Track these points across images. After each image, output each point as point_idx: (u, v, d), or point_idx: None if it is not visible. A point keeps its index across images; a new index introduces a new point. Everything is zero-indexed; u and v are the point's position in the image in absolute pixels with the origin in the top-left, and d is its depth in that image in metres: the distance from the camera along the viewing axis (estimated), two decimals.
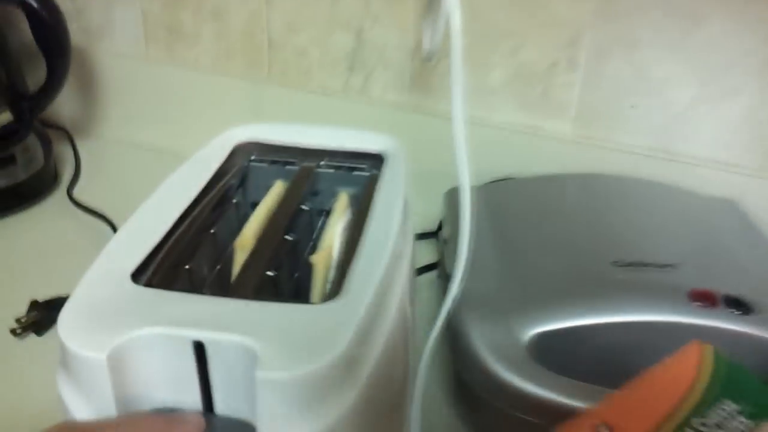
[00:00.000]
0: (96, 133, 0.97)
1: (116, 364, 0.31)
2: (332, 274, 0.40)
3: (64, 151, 0.92)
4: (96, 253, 0.38)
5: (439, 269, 0.69)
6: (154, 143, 0.93)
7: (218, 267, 0.43)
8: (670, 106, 0.69)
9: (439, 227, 0.75)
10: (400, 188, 0.45)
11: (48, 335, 0.60)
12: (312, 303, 0.35)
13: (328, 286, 0.40)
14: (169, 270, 0.39)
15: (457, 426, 0.54)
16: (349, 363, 0.32)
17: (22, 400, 0.54)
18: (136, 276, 0.37)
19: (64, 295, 0.35)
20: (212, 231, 0.44)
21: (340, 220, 0.44)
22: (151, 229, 0.41)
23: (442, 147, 0.77)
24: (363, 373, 0.34)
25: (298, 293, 0.43)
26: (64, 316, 0.33)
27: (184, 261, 0.41)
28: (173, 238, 0.41)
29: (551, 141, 0.73)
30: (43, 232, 0.76)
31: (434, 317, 0.47)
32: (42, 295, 0.62)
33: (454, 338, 0.51)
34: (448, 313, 0.51)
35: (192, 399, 0.33)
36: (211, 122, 0.91)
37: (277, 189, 0.48)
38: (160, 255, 0.39)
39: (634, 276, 0.51)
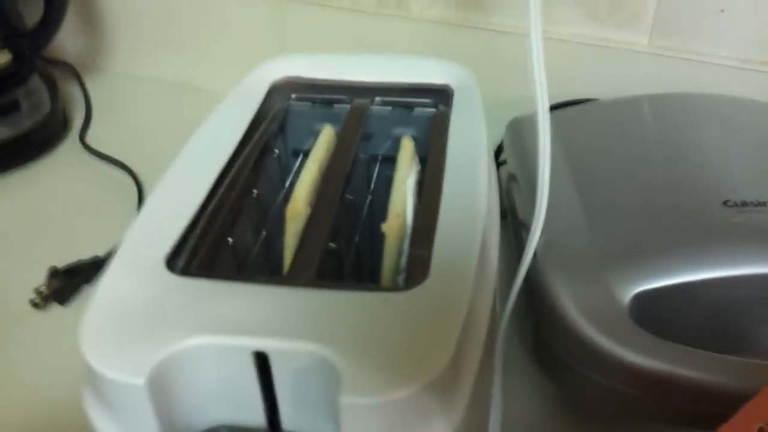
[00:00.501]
0: (104, 67, 0.89)
1: (158, 386, 0.25)
2: (407, 244, 0.33)
3: (72, 92, 0.83)
4: (116, 207, 0.31)
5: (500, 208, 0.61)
6: (168, 75, 0.85)
7: (267, 238, 0.36)
8: (765, 10, 0.58)
9: (496, 159, 0.67)
10: (480, 130, 0.37)
11: (73, 304, 0.54)
12: (393, 288, 0.28)
13: (403, 259, 0.33)
14: (211, 249, 0.32)
15: (543, 393, 0.48)
16: (455, 372, 0.25)
17: (49, 378, 0.48)
18: (172, 261, 0.30)
19: (86, 260, 0.28)
20: (255, 192, 0.37)
21: (410, 174, 0.36)
22: (185, 197, 0.33)
23: (497, 67, 0.69)
24: (468, 379, 0.27)
25: (366, 267, 0.36)
26: (87, 324, 0.26)
27: (227, 234, 0.34)
28: (211, 205, 0.34)
29: (625, 55, 0.64)
30: (56, 186, 0.69)
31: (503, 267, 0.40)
32: (60, 259, 0.56)
33: (536, 300, 0.44)
34: (528, 270, 0.44)
35: (253, 416, 0.27)
36: (228, 49, 0.83)
37: (326, 137, 0.40)
38: (198, 229, 0.32)
39: (751, 218, 0.43)
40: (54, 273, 0.54)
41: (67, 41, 0.88)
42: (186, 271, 0.29)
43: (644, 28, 0.63)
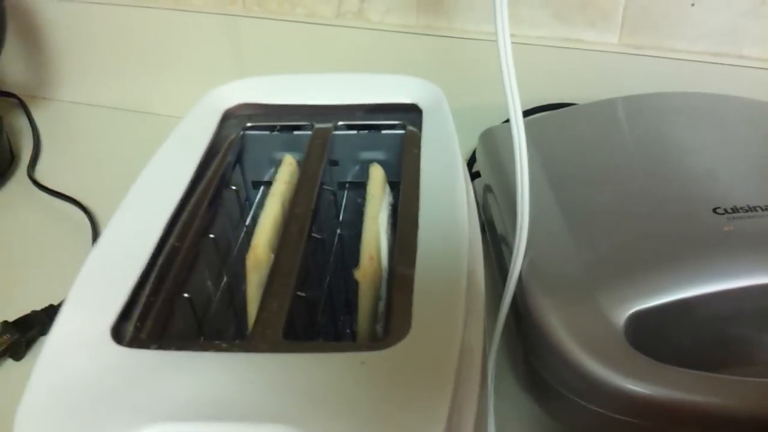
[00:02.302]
0: (52, 97, 0.84)
1: None
2: (384, 288, 0.30)
3: (19, 124, 0.79)
4: (70, 247, 0.29)
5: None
6: (121, 102, 0.81)
7: (229, 287, 0.33)
8: (738, 2, 0.57)
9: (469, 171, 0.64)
10: (454, 150, 0.34)
11: (29, 359, 0.50)
12: (372, 345, 0.24)
13: (381, 305, 0.30)
14: (164, 308, 0.28)
15: (537, 424, 0.45)
16: None
17: None
18: (120, 328, 0.26)
19: (40, 310, 0.25)
20: (212, 236, 0.34)
21: (382, 208, 0.33)
22: (132, 247, 0.30)
23: (463, 75, 0.66)
24: None
25: (341, 313, 0.33)
26: (23, 415, 0.23)
27: (182, 288, 0.30)
28: (163, 255, 0.30)
29: (595, 56, 0.61)
30: (3, 227, 0.64)
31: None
32: (11, 309, 0.52)
33: (524, 326, 0.41)
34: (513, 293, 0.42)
35: None
36: (183, 70, 0.79)
37: (287, 169, 0.36)
38: (149, 286, 0.29)
39: (745, 225, 0.40)
40: (5, 327, 0.50)
41: (11, 71, 0.83)
42: (135, 340, 0.26)
43: (614, 27, 0.60)
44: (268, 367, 0.24)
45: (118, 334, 0.26)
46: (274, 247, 0.30)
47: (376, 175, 0.35)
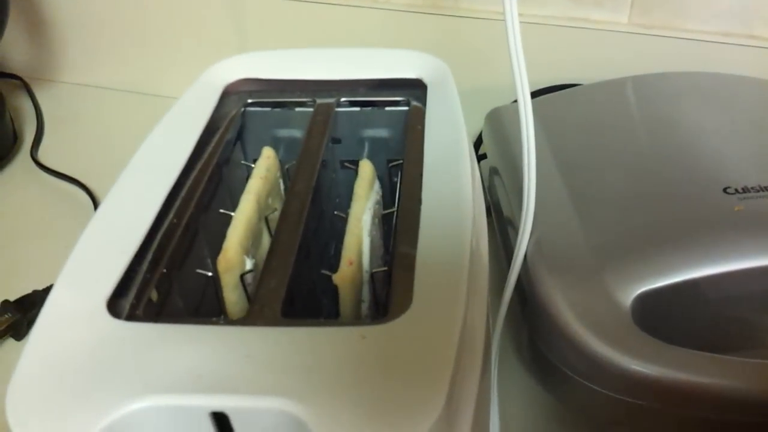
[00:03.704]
0: (55, 79, 0.84)
1: None
2: (366, 291, 0.29)
3: (22, 105, 0.78)
4: (72, 228, 0.28)
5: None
6: (124, 84, 0.81)
7: None
8: None
9: (475, 152, 0.64)
10: (459, 127, 0.34)
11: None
12: (372, 321, 0.24)
13: (364, 306, 0.29)
14: (161, 283, 0.28)
15: (542, 406, 0.44)
16: (450, 416, 0.22)
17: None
18: (116, 302, 0.26)
19: (42, 290, 0.25)
20: (213, 211, 0.33)
21: (366, 209, 0.32)
22: (130, 221, 0.29)
23: (469, 55, 0.65)
24: (466, 418, 0.23)
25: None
26: (14, 388, 0.22)
27: (181, 264, 0.30)
28: (162, 230, 0.30)
29: (604, 35, 0.60)
30: (6, 207, 0.64)
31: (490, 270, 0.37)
32: (13, 288, 0.52)
33: (530, 307, 0.40)
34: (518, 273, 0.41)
35: None
36: (187, 51, 0.78)
37: (264, 162, 0.35)
38: (147, 260, 0.28)
39: (755, 205, 0.39)
40: (6, 306, 0.50)
41: (14, 53, 0.83)
42: (132, 314, 0.25)
43: (624, 6, 0.59)
44: (267, 341, 0.23)
45: (113, 308, 0.25)
46: (247, 249, 0.30)
47: (364, 172, 0.34)
